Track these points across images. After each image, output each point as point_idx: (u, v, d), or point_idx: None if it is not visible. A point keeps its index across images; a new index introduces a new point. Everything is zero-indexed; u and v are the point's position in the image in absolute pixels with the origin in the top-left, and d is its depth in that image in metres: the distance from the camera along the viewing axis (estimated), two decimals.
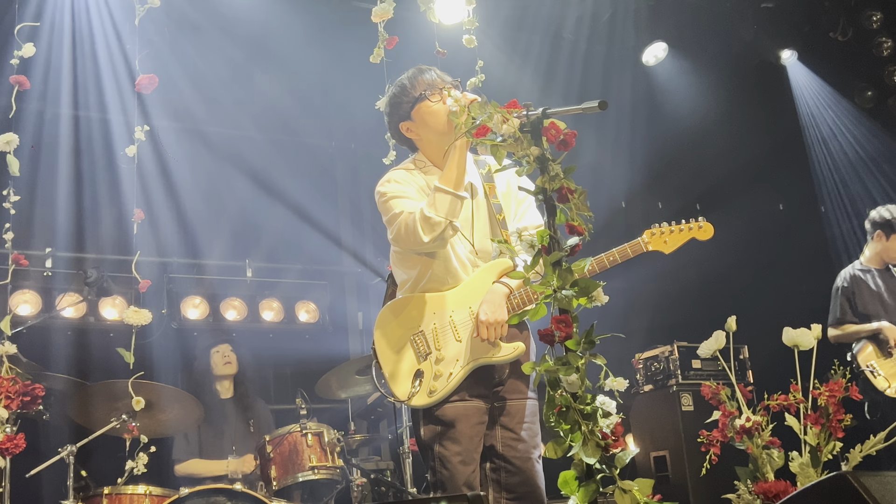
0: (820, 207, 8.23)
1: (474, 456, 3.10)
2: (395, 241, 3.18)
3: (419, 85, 3.20)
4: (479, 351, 3.10)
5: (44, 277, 6.03)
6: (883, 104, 7.62)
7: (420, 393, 3.10)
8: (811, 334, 3.37)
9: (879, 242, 5.69)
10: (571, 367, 2.25)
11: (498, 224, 3.26)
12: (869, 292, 5.63)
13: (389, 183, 3.23)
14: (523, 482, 3.12)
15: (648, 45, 7.23)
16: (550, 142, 2.38)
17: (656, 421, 6.40)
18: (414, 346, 3.16)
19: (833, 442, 3.21)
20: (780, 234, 8.09)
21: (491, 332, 3.05)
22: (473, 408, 3.12)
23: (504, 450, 3.14)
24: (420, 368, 3.12)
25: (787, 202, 8.35)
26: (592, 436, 2.24)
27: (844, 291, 5.66)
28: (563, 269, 2.29)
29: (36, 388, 3.64)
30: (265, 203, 7.31)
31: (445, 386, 3.08)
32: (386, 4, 3.92)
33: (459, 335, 3.13)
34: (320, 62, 6.42)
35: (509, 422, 3.17)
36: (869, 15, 7.19)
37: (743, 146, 7.76)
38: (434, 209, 2.98)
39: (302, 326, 6.78)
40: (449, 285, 3.19)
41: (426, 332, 3.16)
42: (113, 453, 5.61)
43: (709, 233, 3.42)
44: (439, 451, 3.08)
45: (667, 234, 3.35)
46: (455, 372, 3.09)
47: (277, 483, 4.66)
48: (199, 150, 6.96)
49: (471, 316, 3.13)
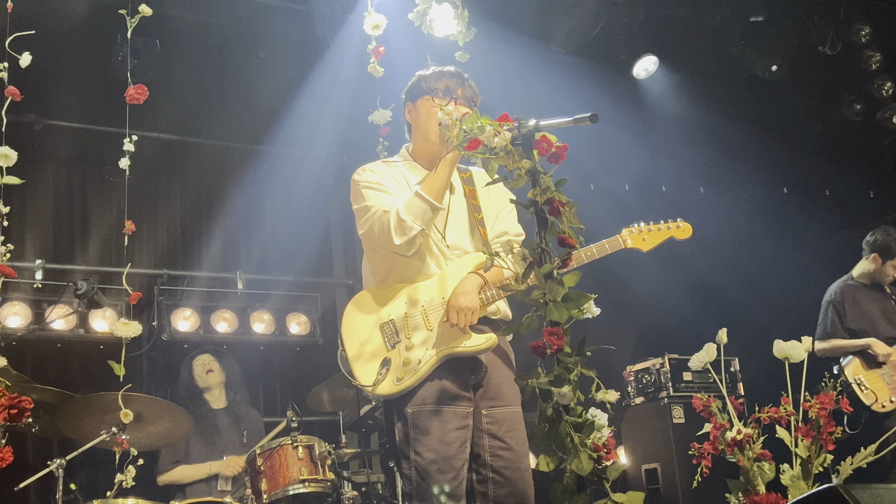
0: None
1: (453, 463, 2.94)
2: (365, 237, 3.17)
3: (439, 83, 3.24)
4: (449, 338, 3.01)
5: (34, 289, 6.00)
6: (871, 118, 7.67)
7: (386, 381, 3.00)
8: (801, 347, 3.39)
9: (874, 264, 5.76)
10: (563, 380, 2.26)
11: (476, 222, 3.25)
12: (859, 307, 5.67)
13: (365, 171, 3.25)
14: (512, 493, 3.02)
15: (639, 59, 7.26)
16: (542, 155, 2.39)
17: (647, 433, 6.40)
18: (383, 334, 3.09)
19: (824, 454, 3.22)
20: (770, 247, 8.12)
21: (461, 318, 2.96)
22: (451, 412, 2.99)
23: (492, 459, 3.04)
24: (388, 356, 3.04)
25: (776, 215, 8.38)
26: (584, 448, 2.24)
27: (835, 305, 5.69)
28: (553, 280, 2.30)
29: (23, 401, 3.59)
30: (256, 215, 7.31)
31: (414, 374, 2.99)
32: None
33: (430, 324, 3.06)
34: (311, 72, 6.43)
35: (497, 430, 3.07)
36: (857, 29, 7.25)
37: (732, 159, 7.80)
38: (411, 214, 2.99)
39: (293, 339, 6.76)
40: (422, 277, 3.16)
41: (396, 320, 3.10)
42: (103, 466, 5.60)
43: (687, 232, 3.41)
44: (414, 458, 2.96)
45: (645, 232, 3.34)
46: (424, 360, 3.00)
47: (268, 496, 4.64)
48: (190, 161, 6.96)
49: (443, 305, 3.06)
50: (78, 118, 6.41)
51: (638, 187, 8.05)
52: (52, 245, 6.36)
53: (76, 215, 6.59)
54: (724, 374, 3.47)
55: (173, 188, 7.02)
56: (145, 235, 6.62)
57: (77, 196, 6.63)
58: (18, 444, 3.84)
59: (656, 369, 6.45)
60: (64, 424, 4.35)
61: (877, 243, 5.77)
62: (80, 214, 6.59)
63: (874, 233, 5.82)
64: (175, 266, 6.79)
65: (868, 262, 5.78)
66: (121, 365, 3.58)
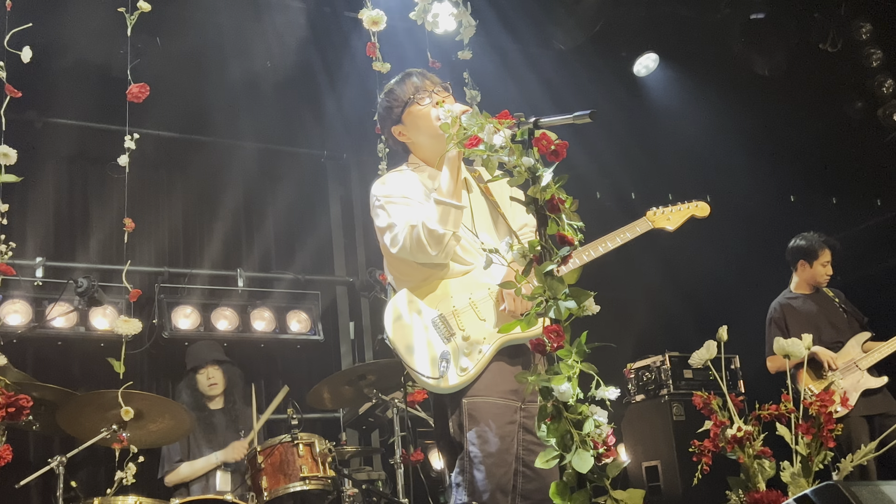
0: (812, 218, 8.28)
1: (506, 458, 2.95)
2: (400, 253, 3.09)
3: (408, 89, 3.22)
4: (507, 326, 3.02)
5: (34, 287, 6.00)
6: (872, 115, 7.66)
7: (451, 372, 2.98)
8: (802, 344, 3.38)
9: (804, 270, 5.84)
10: (563, 377, 2.26)
11: (498, 216, 3.25)
12: (800, 317, 5.69)
13: (384, 185, 3.21)
14: (540, 489, 2.98)
15: (639, 56, 7.26)
16: (542, 152, 2.39)
17: (648, 431, 6.41)
18: (436, 329, 3.06)
19: (824, 452, 3.22)
20: (771, 245, 8.12)
21: (519, 305, 2.96)
22: (505, 406, 3.00)
23: (524, 454, 3.02)
24: (446, 349, 3.02)
25: (778, 213, 8.39)
26: (584, 445, 2.24)
27: (775, 321, 5.73)
28: (554, 278, 2.30)
29: (20, 399, 3.58)
30: (257, 212, 7.32)
31: (476, 363, 2.98)
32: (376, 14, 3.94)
33: (482, 314, 3.06)
34: (311, 71, 6.43)
35: (532, 425, 3.01)
36: (858, 26, 7.24)
37: (734, 157, 7.79)
38: (438, 223, 2.97)
39: (294, 336, 6.76)
40: (461, 271, 3.15)
41: (446, 314, 3.08)
42: (103, 464, 5.61)
43: (705, 211, 3.55)
44: (472, 450, 2.95)
45: (668, 213, 3.45)
46: (484, 350, 3.00)
47: (269, 493, 4.65)
48: (190, 159, 6.96)
49: (490, 295, 3.07)
50: (78, 116, 6.41)
51: (643, 183, 8.06)
52: (52, 243, 6.37)
53: (77, 213, 6.59)
54: (724, 372, 3.47)
55: (174, 186, 7.02)
56: (146, 233, 6.62)
57: (78, 194, 6.64)
58: (19, 441, 3.86)
59: (657, 367, 6.46)
60: (65, 422, 4.35)
61: (798, 250, 5.87)
62: (80, 212, 6.60)
63: (793, 241, 5.91)
64: (176, 264, 6.80)
65: (798, 272, 5.86)
66: (121, 362, 3.58)
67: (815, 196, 8.67)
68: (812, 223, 7.82)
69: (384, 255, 3.27)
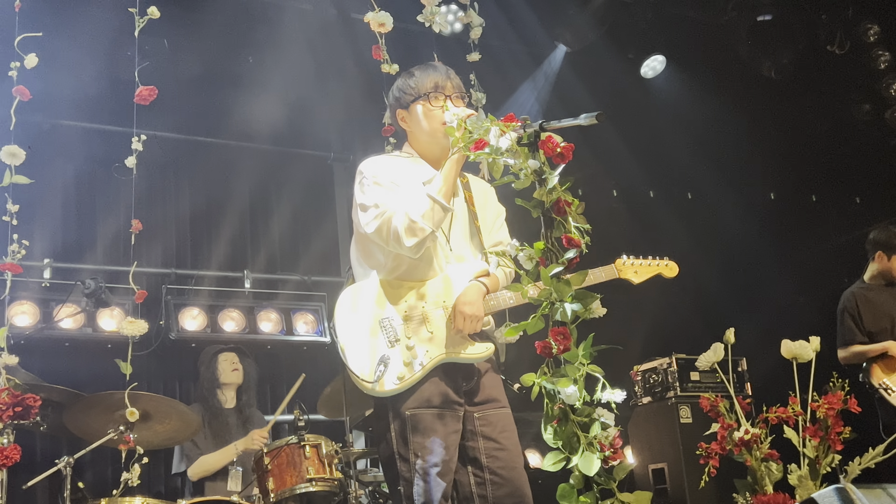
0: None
1: (451, 466, 2.96)
2: (373, 236, 3.08)
3: (427, 84, 3.21)
4: (451, 343, 3.02)
5: (42, 288, 6.02)
6: (880, 117, 7.64)
7: (386, 378, 2.96)
8: (810, 347, 3.38)
9: (881, 262, 5.73)
10: (569, 379, 2.26)
11: (475, 229, 3.25)
12: (875, 309, 5.63)
13: (374, 165, 3.22)
14: (511, 493, 3.00)
15: (646, 58, 7.26)
16: (548, 155, 2.39)
17: (655, 433, 6.39)
18: (383, 330, 3.05)
19: (832, 454, 3.21)
20: (778, 246, 8.10)
21: (468, 325, 2.99)
22: (449, 416, 2.99)
23: (488, 461, 3.03)
24: (387, 354, 3.00)
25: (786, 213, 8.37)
26: (591, 448, 2.24)
27: (849, 311, 5.65)
28: (560, 281, 2.30)
29: (28, 399, 3.60)
30: (264, 214, 7.32)
31: (413, 375, 2.97)
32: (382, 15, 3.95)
33: (432, 326, 3.05)
34: (316, 73, 6.44)
35: (491, 432, 3.07)
36: (866, 28, 7.22)
37: (741, 158, 7.78)
38: (421, 216, 2.96)
39: (300, 338, 6.77)
40: (423, 278, 3.13)
41: (395, 318, 3.06)
42: (111, 464, 5.61)
43: (673, 271, 3.48)
44: (415, 461, 2.93)
45: (637, 266, 3.40)
46: (425, 362, 2.99)
47: (275, 495, 4.64)
48: (197, 161, 6.98)
49: (445, 310, 3.06)
50: (86, 117, 6.42)
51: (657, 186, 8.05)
52: (60, 244, 6.38)
53: (84, 214, 6.60)
54: (731, 374, 3.46)
55: (181, 187, 7.03)
56: (153, 234, 6.61)
57: (85, 195, 6.65)
58: (27, 442, 3.87)
59: (664, 369, 6.44)
60: (72, 423, 4.36)
61: (879, 241, 5.75)
62: (88, 213, 6.60)
63: (874, 231, 5.80)
64: (183, 265, 6.80)
65: (874, 262, 5.76)
66: (128, 363, 3.59)
67: (823, 196, 8.63)
68: (818, 222, 7.84)
69: (354, 230, 3.26)
